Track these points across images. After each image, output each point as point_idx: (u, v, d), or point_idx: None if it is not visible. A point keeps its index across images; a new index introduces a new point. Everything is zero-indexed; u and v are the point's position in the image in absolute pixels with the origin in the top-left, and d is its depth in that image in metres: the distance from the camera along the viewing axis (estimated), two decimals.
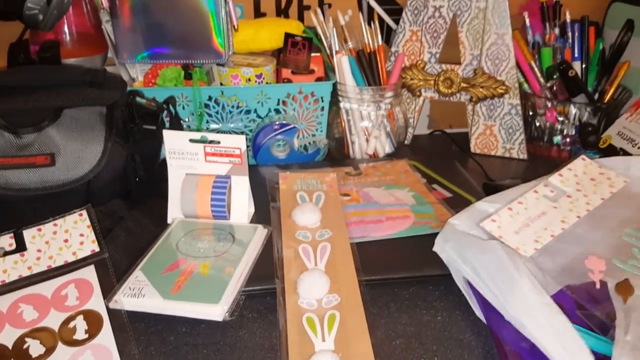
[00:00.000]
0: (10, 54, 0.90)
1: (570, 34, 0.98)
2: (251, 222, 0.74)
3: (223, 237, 0.68)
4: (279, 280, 0.61)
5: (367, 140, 0.93)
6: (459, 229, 0.63)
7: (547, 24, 0.99)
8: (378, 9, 1.08)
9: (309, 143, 0.94)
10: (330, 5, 1.08)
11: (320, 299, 0.58)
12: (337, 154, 0.97)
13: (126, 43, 0.86)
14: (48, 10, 0.81)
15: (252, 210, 0.76)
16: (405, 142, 1.03)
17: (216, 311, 0.56)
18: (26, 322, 0.55)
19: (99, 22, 0.91)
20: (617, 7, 1.07)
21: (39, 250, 0.62)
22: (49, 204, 0.68)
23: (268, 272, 0.62)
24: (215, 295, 0.57)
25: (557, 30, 0.99)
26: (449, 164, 0.94)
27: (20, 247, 0.61)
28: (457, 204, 0.74)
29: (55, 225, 0.63)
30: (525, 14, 1.00)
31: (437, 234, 0.65)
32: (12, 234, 0.61)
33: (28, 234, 0.62)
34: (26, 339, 0.54)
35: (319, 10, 0.94)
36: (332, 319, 0.55)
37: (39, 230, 0.63)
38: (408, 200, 0.78)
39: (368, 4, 1.09)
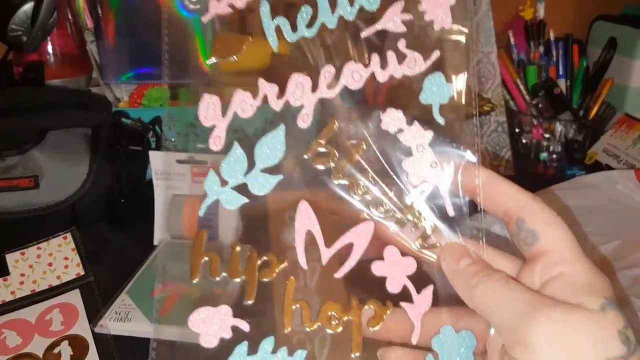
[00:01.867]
0: None
1: (554, 52, 0.99)
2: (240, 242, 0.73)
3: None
4: (269, 302, 0.60)
5: None
6: None
7: (532, 43, 1.01)
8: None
9: None
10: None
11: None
12: None
13: (111, 63, 0.85)
14: (32, 32, 0.80)
15: (241, 230, 0.75)
16: None
17: None
18: (10, 349, 0.54)
19: (83, 43, 0.91)
20: (600, 25, 1.09)
21: (23, 275, 0.60)
22: (32, 228, 0.67)
23: (259, 293, 0.61)
24: None
25: (541, 49, 1.00)
26: None
27: (3, 271, 0.60)
28: None
29: (39, 249, 0.62)
30: (510, 33, 1.01)
31: None
32: None
33: (11, 258, 0.61)
34: None
35: None
36: (322, 341, 0.54)
37: (23, 254, 0.61)
38: None
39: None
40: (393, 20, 0.34)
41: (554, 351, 0.27)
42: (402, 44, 0.34)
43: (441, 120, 0.35)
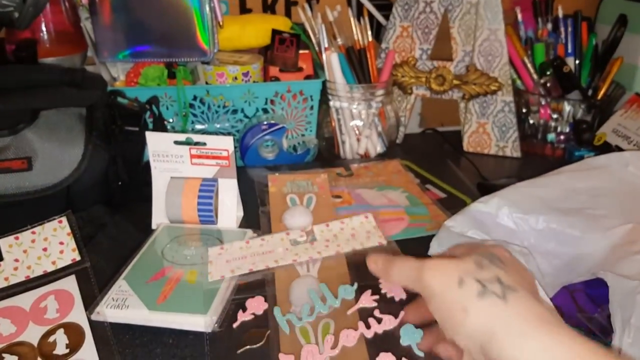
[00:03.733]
0: None
1: (562, 30, 0.97)
2: (240, 226, 0.71)
3: (211, 243, 0.65)
4: (269, 287, 0.58)
5: (358, 140, 0.91)
6: (455, 231, 0.61)
7: (540, 19, 0.98)
8: (367, 4, 1.06)
9: (298, 143, 0.91)
10: (318, 1, 1.05)
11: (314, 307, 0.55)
12: (327, 155, 0.95)
13: (107, 41, 0.82)
14: (24, 8, 0.77)
15: (241, 214, 0.73)
16: (397, 141, 1.01)
17: (204, 322, 0.53)
18: (3, 337, 0.52)
19: (77, 20, 0.88)
20: (610, 1, 1.06)
21: (17, 260, 0.59)
22: (26, 211, 0.64)
23: (259, 279, 0.59)
24: (204, 305, 0.54)
25: (549, 26, 0.97)
26: (442, 164, 0.92)
27: None
28: (452, 205, 0.72)
29: (33, 233, 0.60)
30: (518, 9, 0.98)
31: (432, 236, 0.63)
32: None
33: (4, 242, 0.59)
34: (3, 355, 0.50)
35: (306, 6, 0.91)
36: (326, 328, 0.53)
37: (17, 238, 0.59)
38: (402, 201, 0.75)
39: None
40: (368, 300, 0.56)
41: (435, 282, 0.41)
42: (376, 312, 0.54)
43: (421, 354, 0.50)
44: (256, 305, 0.56)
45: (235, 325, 0.54)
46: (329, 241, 0.64)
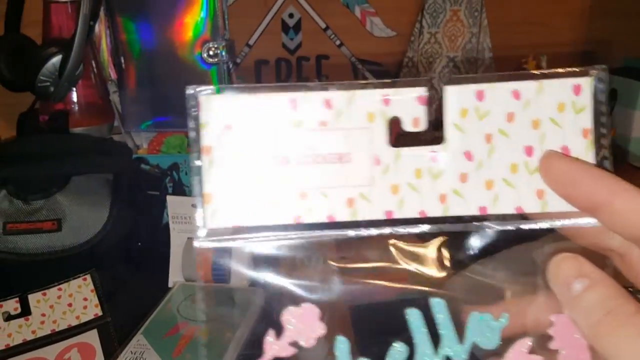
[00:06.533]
0: (19, 123, 0.94)
1: None
2: (251, 285, 0.75)
3: (224, 301, 0.69)
4: None
5: None
6: None
7: None
8: (372, 79, 1.13)
9: None
10: (327, 77, 1.13)
11: None
12: None
13: (132, 112, 0.89)
14: (59, 82, 0.85)
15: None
16: None
17: None
18: None
19: (106, 93, 0.95)
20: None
21: (44, 315, 0.63)
22: (54, 269, 0.69)
23: None
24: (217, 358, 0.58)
25: None
26: None
27: (25, 311, 0.62)
28: None
29: (59, 289, 0.65)
30: None
31: None
32: (17, 298, 0.63)
33: (33, 298, 0.63)
34: None
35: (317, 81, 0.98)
36: None
37: (44, 294, 0.64)
38: None
39: (363, 75, 1.14)
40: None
41: None
42: None
43: None
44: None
45: None
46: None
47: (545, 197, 0.28)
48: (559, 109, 0.29)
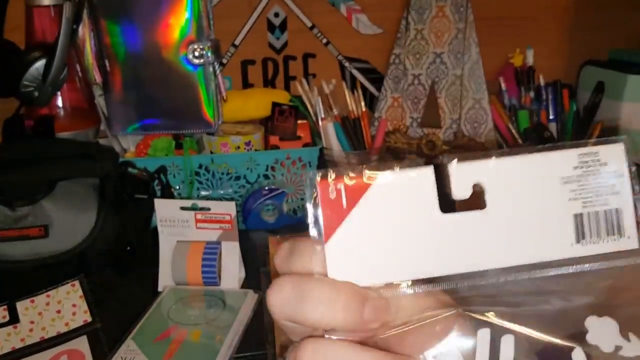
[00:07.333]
0: (5, 129, 0.93)
1: (545, 97, 1.03)
2: (242, 287, 0.75)
3: (214, 304, 0.69)
4: (269, 345, 0.61)
5: None
6: None
7: (522, 88, 1.04)
8: (360, 77, 1.13)
9: (298, 207, 0.96)
10: (314, 75, 1.13)
11: None
12: None
13: (118, 116, 0.88)
14: (43, 87, 0.84)
15: (243, 275, 0.77)
16: None
17: None
18: None
19: (91, 96, 0.95)
20: (589, 70, 1.13)
21: (32, 322, 0.62)
22: (42, 275, 0.69)
23: (259, 338, 0.63)
24: None
25: (532, 94, 1.04)
26: None
27: (14, 319, 0.62)
28: None
29: (48, 296, 0.64)
30: (501, 79, 1.05)
31: None
32: (5, 306, 0.62)
33: (21, 305, 0.63)
34: None
35: (304, 80, 0.98)
36: None
37: (32, 301, 0.63)
38: None
39: (351, 73, 1.14)
40: None
41: None
42: None
43: None
44: None
45: None
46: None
47: None
48: None
